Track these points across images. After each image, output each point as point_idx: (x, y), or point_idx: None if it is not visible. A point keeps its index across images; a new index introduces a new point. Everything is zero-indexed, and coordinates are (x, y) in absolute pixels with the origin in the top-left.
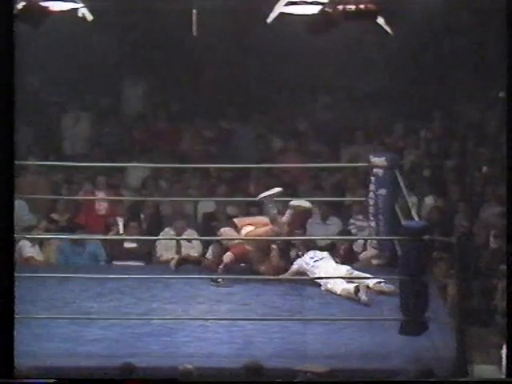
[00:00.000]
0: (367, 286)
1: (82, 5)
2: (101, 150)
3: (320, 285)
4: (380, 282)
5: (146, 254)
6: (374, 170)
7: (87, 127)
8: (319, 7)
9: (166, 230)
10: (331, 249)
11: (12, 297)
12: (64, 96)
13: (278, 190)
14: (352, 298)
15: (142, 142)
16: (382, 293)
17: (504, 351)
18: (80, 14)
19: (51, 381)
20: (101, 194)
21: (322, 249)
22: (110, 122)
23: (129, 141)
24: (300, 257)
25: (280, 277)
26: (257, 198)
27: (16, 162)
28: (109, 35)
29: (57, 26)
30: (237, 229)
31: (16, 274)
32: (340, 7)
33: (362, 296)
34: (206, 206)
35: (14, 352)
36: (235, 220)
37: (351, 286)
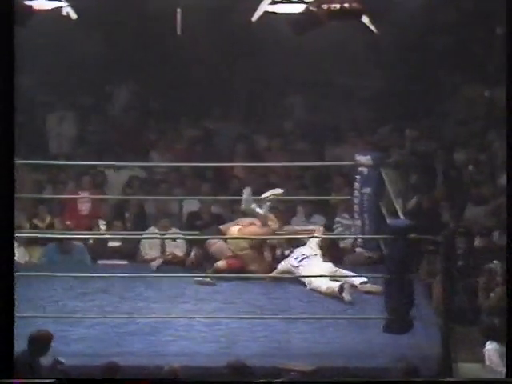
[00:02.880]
0: (353, 285)
1: (66, 4)
2: (86, 150)
3: (305, 284)
4: (366, 282)
5: (131, 252)
6: (359, 169)
7: (72, 127)
8: (304, 6)
9: (151, 229)
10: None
11: (12, 297)
12: (49, 95)
13: (279, 191)
14: (336, 297)
15: (126, 141)
16: (369, 293)
17: (487, 349)
18: (64, 13)
19: (51, 381)
20: (85, 195)
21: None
22: (95, 121)
23: (114, 140)
24: (286, 256)
25: (265, 275)
26: (261, 197)
27: (16, 162)
28: (93, 34)
29: (42, 25)
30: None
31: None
32: (325, 6)
33: (346, 295)
34: (191, 205)
35: None
36: (221, 227)
37: (336, 285)
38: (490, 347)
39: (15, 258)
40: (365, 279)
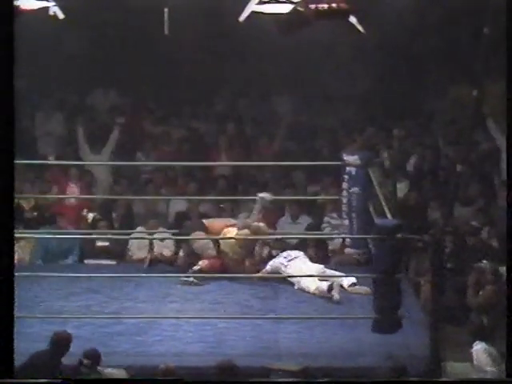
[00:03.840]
0: (341, 286)
1: (53, 3)
2: (73, 149)
3: (293, 284)
4: (355, 284)
5: (119, 252)
6: (347, 169)
7: (59, 126)
8: (291, 6)
9: (139, 228)
10: (302, 247)
11: (12, 297)
12: (35, 95)
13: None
14: (325, 296)
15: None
16: (357, 294)
17: (475, 349)
18: (51, 13)
19: (57, 381)
20: (73, 186)
21: (292, 247)
22: (83, 121)
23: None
24: (274, 257)
25: (253, 275)
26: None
27: (16, 162)
28: (80, 33)
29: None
30: (208, 230)
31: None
32: (312, 6)
33: (335, 294)
34: (178, 204)
35: None
36: (204, 221)
37: (325, 284)
38: (478, 347)
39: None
40: (354, 280)
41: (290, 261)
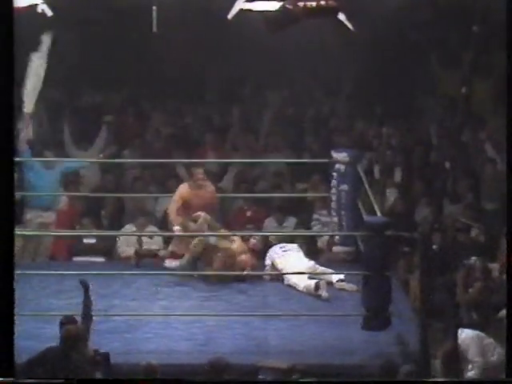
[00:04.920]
0: (330, 283)
1: (41, 0)
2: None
3: (283, 279)
4: (342, 281)
5: (107, 250)
6: (336, 166)
7: (46, 124)
8: (279, 4)
9: (128, 226)
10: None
11: (12, 296)
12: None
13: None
14: (313, 295)
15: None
16: (344, 291)
17: (461, 339)
18: (39, 10)
19: (60, 381)
20: None
21: None
22: (70, 119)
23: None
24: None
25: (243, 273)
26: None
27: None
28: (68, 30)
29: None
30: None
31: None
32: (301, 4)
33: (323, 292)
34: (167, 202)
35: None
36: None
37: (312, 283)
38: (464, 335)
39: None
40: (341, 276)
41: (284, 251)
